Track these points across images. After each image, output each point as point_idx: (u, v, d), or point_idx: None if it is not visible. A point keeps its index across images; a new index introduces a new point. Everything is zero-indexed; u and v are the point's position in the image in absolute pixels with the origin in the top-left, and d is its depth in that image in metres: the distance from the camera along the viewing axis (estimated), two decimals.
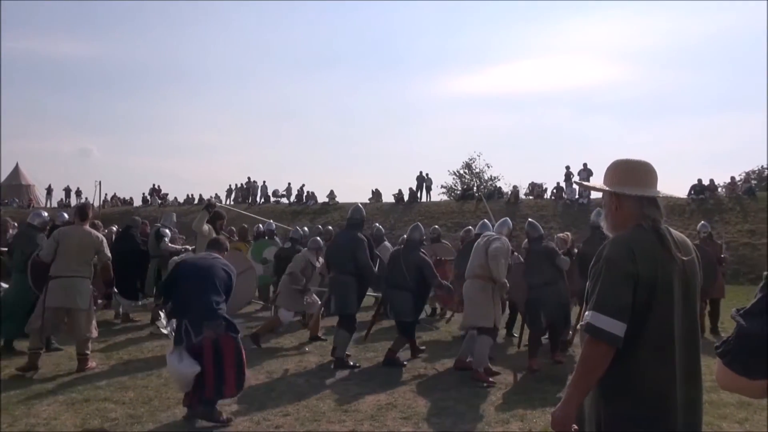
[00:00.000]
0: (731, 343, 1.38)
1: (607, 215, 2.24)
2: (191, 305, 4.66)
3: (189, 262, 5.07)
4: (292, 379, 6.11)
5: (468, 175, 35.62)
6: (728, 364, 1.39)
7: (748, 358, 1.34)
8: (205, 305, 4.65)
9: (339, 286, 6.86)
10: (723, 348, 1.40)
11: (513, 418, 4.91)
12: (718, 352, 1.41)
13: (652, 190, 2.14)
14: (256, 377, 6.12)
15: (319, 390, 5.72)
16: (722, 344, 1.41)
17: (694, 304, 2.11)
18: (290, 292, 7.89)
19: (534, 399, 5.40)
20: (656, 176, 2.18)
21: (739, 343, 1.36)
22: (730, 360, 1.38)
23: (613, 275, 1.99)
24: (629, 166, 2.19)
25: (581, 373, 2.01)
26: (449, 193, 34.01)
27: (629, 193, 2.13)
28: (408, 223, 21.44)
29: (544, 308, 6.49)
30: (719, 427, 4.70)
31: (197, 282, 4.75)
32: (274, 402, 5.31)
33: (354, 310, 6.89)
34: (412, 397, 5.53)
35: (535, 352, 6.56)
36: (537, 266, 6.69)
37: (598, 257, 2.07)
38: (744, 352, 1.35)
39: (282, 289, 8.03)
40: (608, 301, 1.97)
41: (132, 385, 5.75)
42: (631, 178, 2.15)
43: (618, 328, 1.94)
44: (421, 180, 30.26)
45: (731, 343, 1.38)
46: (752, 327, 1.33)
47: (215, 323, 4.63)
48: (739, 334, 1.36)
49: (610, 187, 2.17)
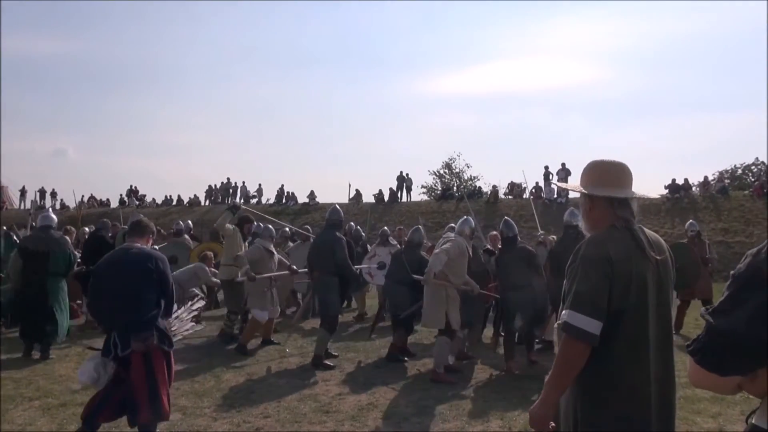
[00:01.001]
0: (702, 341, 1.41)
1: (583, 216, 2.29)
2: (116, 313, 3.90)
3: (107, 261, 4.10)
4: (272, 380, 6.09)
5: (448, 175, 35.77)
6: (699, 361, 1.42)
7: (718, 356, 1.38)
8: (133, 312, 3.85)
9: (321, 287, 7.07)
10: (694, 346, 1.43)
11: (493, 416, 4.96)
12: (689, 350, 1.44)
13: (625, 191, 2.18)
14: (236, 379, 6.09)
15: (300, 391, 5.70)
16: (693, 342, 1.44)
17: (667, 302, 2.16)
18: (257, 291, 7.61)
19: (513, 398, 5.45)
20: (630, 177, 2.22)
21: (709, 341, 1.39)
22: (700, 358, 1.41)
23: (590, 274, 2.03)
24: (603, 168, 2.23)
25: (558, 371, 2.05)
26: (429, 193, 34.11)
27: (599, 195, 2.18)
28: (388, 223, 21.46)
29: (520, 310, 6.50)
30: (694, 422, 4.79)
31: (121, 284, 3.89)
32: (254, 403, 5.28)
33: (335, 310, 6.99)
34: (393, 397, 5.54)
35: (512, 354, 6.57)
36: (512, 267, 6.68)
37: (575, 257, 2.10)
38: (714, 350, 1.38)
39: (248, 289, 7.74)
40: (584, 300, 2.01)
41: None
42: (604, 179, 2.20)
43: (594, 326, 1.98)
44: (401, 180, 30.33)
45: (702, 341, 1.41)
46: (721, 325, 1.37)
47: (144, 335, 3.84)
48: (709, 332, 1.39)
49: (585, 188, 2.22)
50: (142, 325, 3.84)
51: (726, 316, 1.36)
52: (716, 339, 1.37)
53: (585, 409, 2.06)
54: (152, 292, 3.93)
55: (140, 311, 3.85)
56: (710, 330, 1.39)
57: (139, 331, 3.83)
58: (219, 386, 5.83)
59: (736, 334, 1.33)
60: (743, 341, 1.32)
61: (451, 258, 6.14)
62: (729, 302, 1.37)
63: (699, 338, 1.42)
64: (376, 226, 23.74)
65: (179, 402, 5.26)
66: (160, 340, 3.92)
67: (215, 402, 5.31)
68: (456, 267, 6.26)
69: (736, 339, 1.33)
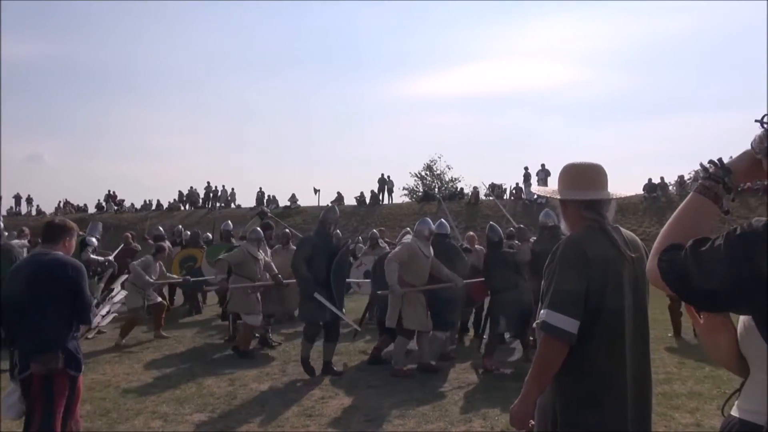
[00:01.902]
0: (678, 263, 1.32)
1: (561, 218, 2.34)
2: (20, 329, 3.42)
3: (14, 271, 3.63)
4: (254, 386, 6.05)
5: (429, 177, 35.88)
6: (666, 278, 1.35)
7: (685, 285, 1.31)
8: (35, 330, 3.35)
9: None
10: (668, 259, 1.35)
11: (475, 417, 4.99)
12: (663, 258, 1.36)
13: (598, 192, 2.22)
14: (218, 385, 6.05)
15: (283, 395, 5.68)
16: (670, 253, 1.35)
17: (644, 300, 2.20)
18: (241, 295, 7.46)
19: (496, 398, 5.49)
20: (605, 177, 2.26)
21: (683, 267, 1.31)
22: (669, 278, 1.34)
23: (567, 274, 2.07)
24: (576, 170, 2.27)
25: (537, 369, 2.08)
26: (411, 195, 34.19)
27: (566, 198, 2.24)
28: (370, 225, 21.51)
29: (506, 312, 6.58)
30: (672, 418, 4.87)
31: (26, 296, 3.39)
32: (237, 409, 5.25)
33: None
34: (376, 399, 5.54)
35: (491, 354, 6.65)
36: (497, 271, 6.79)
37: (553, 257, 2.14)
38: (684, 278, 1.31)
39: (233, 293, 7.58)
40: (562, 298, 2.05)
41: (89, 397, 5.60)
42: (577, 182, 2.24)
43: (571, 325, 2.02)
44: (382, 182, 30.38)
45: (678, 263, 1.32)
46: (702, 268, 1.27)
47: (46, 356, 3.33)
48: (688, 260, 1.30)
49: (560, 191, 2.27)
50: (45, 344, 3.35)
51: (712, 267, 1.26)
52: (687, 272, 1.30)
53: (563, 408, 2.09)
54: (62, 305, 3.42)
55: (43, 330, 3.36)
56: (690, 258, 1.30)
57: (41, 351, 3.33)
58: (200, 392, 5.79)
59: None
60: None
61: (403, 262, 6.28)
62: (720, 253, 1.26)
63: (677, 259, 1.33)
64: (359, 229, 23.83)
65: (160, 409, 5.22)
66: (66, 363, 3.39)
67: (197, 408, 5.27)
68: (412, 269, 6.39)
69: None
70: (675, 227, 1.44)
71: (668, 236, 1.42)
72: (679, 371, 6.30)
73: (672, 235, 1.42)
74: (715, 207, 1.43)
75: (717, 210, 1.43)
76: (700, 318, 1.48)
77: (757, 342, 1.31)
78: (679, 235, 1.40)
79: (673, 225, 1.45)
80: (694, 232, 1.39)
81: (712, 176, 1.44)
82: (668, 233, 1.43)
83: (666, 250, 1.37)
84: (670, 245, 1.38)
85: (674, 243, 1.38)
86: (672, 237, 1.41)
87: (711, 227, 1.43)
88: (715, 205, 1.43)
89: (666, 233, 1.44)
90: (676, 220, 1.46)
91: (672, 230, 1.44)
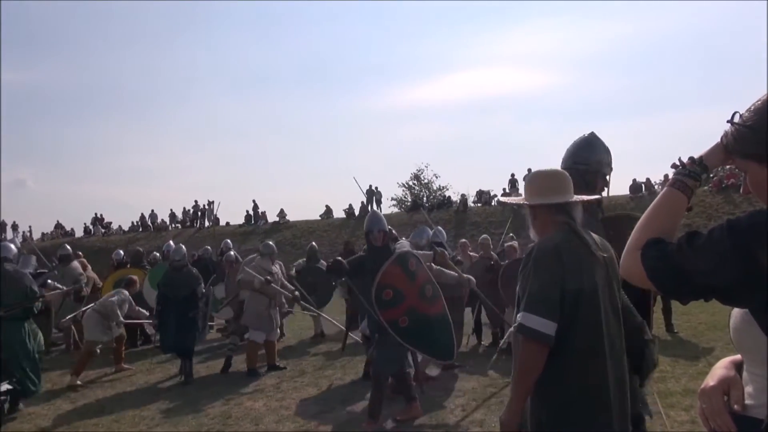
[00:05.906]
0: (671, 258, 1.29)
1: (530, 224, 2.36)
2: None
3: None
4: (249, 404, 6.00)
5: (417, 187, 35.93)
6: (654, 274, 1.32)
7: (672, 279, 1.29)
8: None
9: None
10: (657, 255, 1.32)
11: (472, 424, 4.98)
12: (648, 254, 1.34)
13: (564, 197, 2.25)
14: (212, 403, 5.99)
15: (278, 413, 5.63)
16: (656, 248, 1.33)
17: (617, 299, 2.24)
18: (254, 310, 7.37)
19: (492, 404, 5.48)
20: (569, 183, 2.30)
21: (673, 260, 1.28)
22: (659, 274, 1.32)
23: (542, 277, 2.09)
24: (541, 177, 2.33)
25: (519, 374, 2.10)
26: (399, 205, 34.22)
27: (537, 203, 2.28)
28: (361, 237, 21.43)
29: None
30: (667, 416, 4.87)
31: None
32: (231, 428, 5.20)
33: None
34: None
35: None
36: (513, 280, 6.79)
37: (527, 260, 2.17)
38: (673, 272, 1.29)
39: (246, 306, 7.51)
40: (538, 301, 2.06)
41: (81, 424, 5.53)
42: (543, 188, 2.28)
43: (549, 327, 2.04)
44: (371, 194, 30.37)
45: (671, 258, 1.29)
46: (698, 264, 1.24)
47: None
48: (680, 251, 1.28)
49: (528, 199, 2.31)
50: None
51: (712, 261, 1.23)
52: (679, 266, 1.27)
53: (546, 410, 2.11)
54: None
55: None
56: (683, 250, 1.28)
57: None
58: (195, 412, 5.73)
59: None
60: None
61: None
62: (719, 246, 1.23)
63: (669, 252, 1.31)
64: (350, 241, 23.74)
65: (155, 431, 5.16)
66: None
67: (191, 428, 5.21)
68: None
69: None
70: (651, 223, 1.42)
71: (645, 232, 1.40)
72: (673, 369, 6.31)
73: (648, 231, 1.40)
74: (686, 202, 1.43)
75: (686, 205, 1.43)
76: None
77: (756, 335, 1.27)
78: (656, 230, 1.39)
79: (649, 220, 1.43)
80: (670, 227, 1.39)
81: (691, 173, 1.44)
82: (644, 229, 1.41)
83: (648, 245, 1.35)
84: (650, 241, 1.36)
85: (654, 238, 1.36)
86: (649, 233, 1.39)
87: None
88: (688, 200, 1.43)
89: (642, 229, 1.42)
90: (652, 216, 1.43)
91: (648, 226, 1.42)
